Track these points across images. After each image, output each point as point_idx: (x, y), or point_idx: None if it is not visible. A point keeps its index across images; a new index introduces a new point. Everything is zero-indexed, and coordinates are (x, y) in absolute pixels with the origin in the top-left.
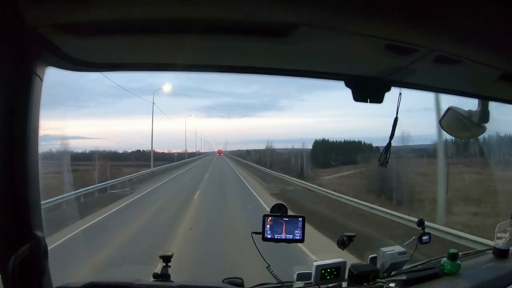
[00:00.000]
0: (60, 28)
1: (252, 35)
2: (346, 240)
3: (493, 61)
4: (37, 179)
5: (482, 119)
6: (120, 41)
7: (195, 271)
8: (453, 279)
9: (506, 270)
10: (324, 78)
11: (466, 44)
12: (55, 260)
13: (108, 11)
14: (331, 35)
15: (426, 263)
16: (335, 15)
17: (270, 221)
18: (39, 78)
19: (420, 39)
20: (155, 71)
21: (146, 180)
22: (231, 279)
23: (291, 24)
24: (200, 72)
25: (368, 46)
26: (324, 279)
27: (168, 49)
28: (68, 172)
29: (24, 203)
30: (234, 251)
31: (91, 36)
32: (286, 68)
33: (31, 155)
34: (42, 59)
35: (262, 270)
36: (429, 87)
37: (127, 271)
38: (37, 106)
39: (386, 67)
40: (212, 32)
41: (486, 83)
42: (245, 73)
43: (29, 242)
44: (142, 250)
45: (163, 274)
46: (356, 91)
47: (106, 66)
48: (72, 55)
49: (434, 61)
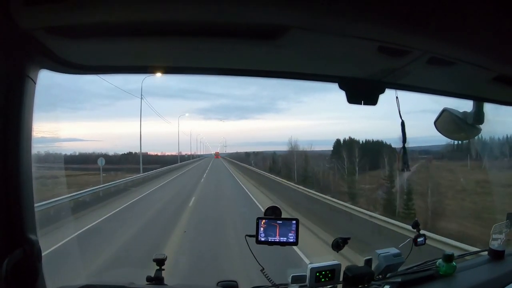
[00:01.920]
0: (52, 31)
1: (244, 38)
2: (340, 243)
3: (487, 63)
4: (30, 182)
5: (477, 120)
6: (113, 44)
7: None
8: (448, 281)
9: (501, 272)
10: (318, 80)
11: (460, 45)
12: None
13: (101, 14)
14: (322, 37)
15: (421, 265)
16: (325, 18)
17: (264, 223)
18: (32, 81)
19: (413, 40)
20: (148, 74)
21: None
22: (226, 282)
23: (282, 27)
24: (193, 75)
25: (361, 48)
26: (319, 282)
27: (161, 51)
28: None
29: (18, 205)
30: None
31: (84, 39)
32: (279, 71)
33: (25, 158)
34: (35, 62)
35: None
36: (424, 89)
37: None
38: (30, 109)
39: (379, 69)
40: (204, 35)
41: (481, 85)
42: (238, 75)
43: (22, 245)
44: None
45: (157, 278)
46: (350, 93)
47: (100, 69)
48: (65, 58)
49: (428, 63)
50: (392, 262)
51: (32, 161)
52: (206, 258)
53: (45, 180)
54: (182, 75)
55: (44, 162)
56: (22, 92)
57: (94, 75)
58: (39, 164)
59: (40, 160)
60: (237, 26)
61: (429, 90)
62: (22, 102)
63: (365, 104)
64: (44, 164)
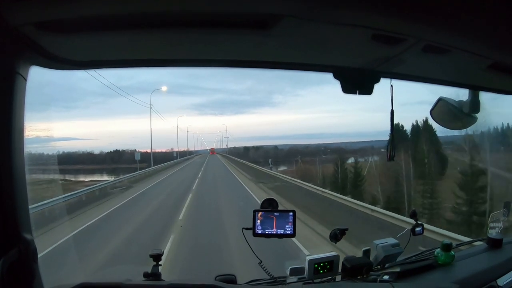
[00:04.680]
0: (42, 27)
1: (236, 28)
2: (338, 234)
3: (482, 51)
4: (24, 182)
5: (472, 109)
6: (104, 38)
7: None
8: (447, 270)
9: (500, 260)
10: (312, 70)
11: (454, 33)
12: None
13: (90, 8)
14: (315, 25)
15: (420, 254)
16: (318, 6)
17: (261, 216)
18: (23, 78)
19: (407, 28)
20: (140, 68)
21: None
22: (224, 276)
23: (274, 16)
24: (186, 67)
25: (354, 36)
26: (317, 273)
27: (152, 44)
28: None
29: (11, 205)
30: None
31: (74, 34)
32: (273, 61)
33: (17, 157)
34: (25, 59)
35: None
36: (419, 78)
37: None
38: (21, 107)
39: (374, 57)
40: (196, 26)
41: (476, 73)
42: (232, 66)
43: (17, 245)
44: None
45: (154, 273)
46: (344, 82)
47: (92, 64)
48: (56, 54)
49: (423, 51)
50: (390, 252)
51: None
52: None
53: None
54: (175, 68)
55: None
56: (12, 90)
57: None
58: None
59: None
60: (229, 15)
61: (425, 79)
62: (13, 100)
63: (360, 94)
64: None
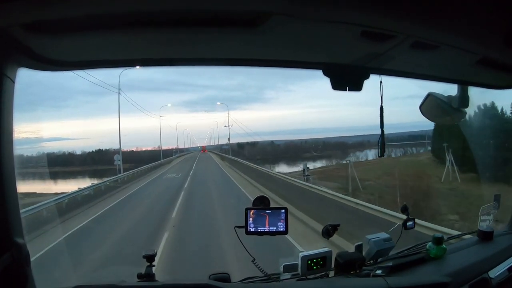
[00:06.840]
0: (28, 28)
1: (225, 26)
2: (330, 230)
3: (470, 46)
4: (14, 185)
5: (461, 104)
6: (92, 38)
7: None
8: (439, 263)
9: (491, 252)
10: (302, 67)
11: (443, 29)
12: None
13: (78, 9)
14: (304, 23)
15: (412, 248)
16: (306, 3)
17: (253, 214)
18: (10, 80)
19: (396, 25)
20: (128, 67)
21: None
22: (218, 275)
23: (263, 13)
24: (175, 66)
25: (343, 33)
26: (311, 270)
27: (141, 44)
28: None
29: (2, 210)
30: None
31: (61, 34)
32: (263, 59)
33: (6, 160)
34: (13, 61)
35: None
36: (408, 74)
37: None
38: (9, 109)
39: (363, 54)
40: (185, 25)
41: (465, 69)
42: (222, 65)
43: (9, 249)
44: None
45: (147, 274)
46: (334, 79)
47: (80, 64)
48: (43, 55)
49: (412, 47)
50: (382, 246)
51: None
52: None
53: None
54: (164, 67)
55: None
56: (0, 92)
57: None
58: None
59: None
60: (218, 14)
61: (414, 75)
62: (1, 103)
63: (350, 90)
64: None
